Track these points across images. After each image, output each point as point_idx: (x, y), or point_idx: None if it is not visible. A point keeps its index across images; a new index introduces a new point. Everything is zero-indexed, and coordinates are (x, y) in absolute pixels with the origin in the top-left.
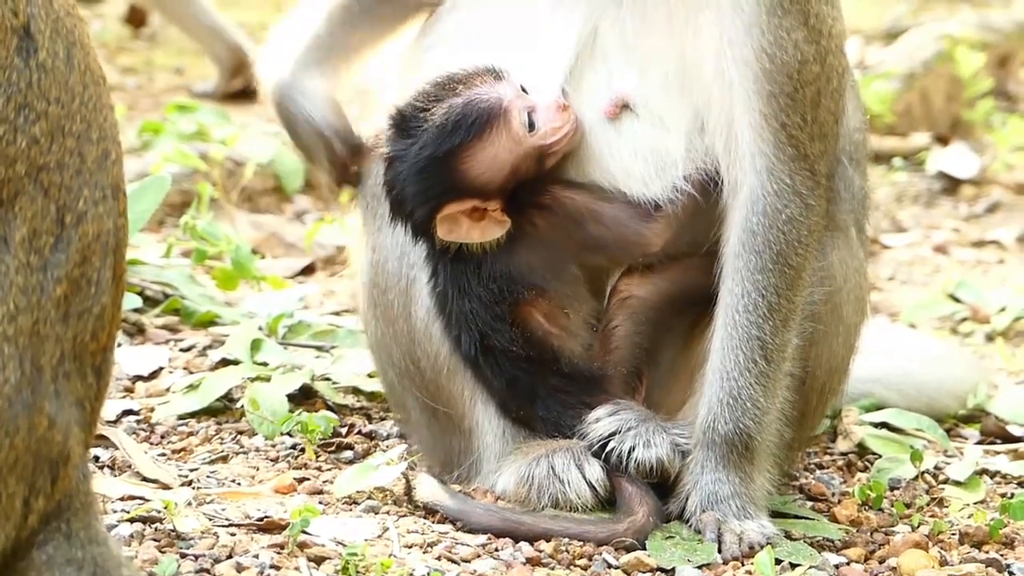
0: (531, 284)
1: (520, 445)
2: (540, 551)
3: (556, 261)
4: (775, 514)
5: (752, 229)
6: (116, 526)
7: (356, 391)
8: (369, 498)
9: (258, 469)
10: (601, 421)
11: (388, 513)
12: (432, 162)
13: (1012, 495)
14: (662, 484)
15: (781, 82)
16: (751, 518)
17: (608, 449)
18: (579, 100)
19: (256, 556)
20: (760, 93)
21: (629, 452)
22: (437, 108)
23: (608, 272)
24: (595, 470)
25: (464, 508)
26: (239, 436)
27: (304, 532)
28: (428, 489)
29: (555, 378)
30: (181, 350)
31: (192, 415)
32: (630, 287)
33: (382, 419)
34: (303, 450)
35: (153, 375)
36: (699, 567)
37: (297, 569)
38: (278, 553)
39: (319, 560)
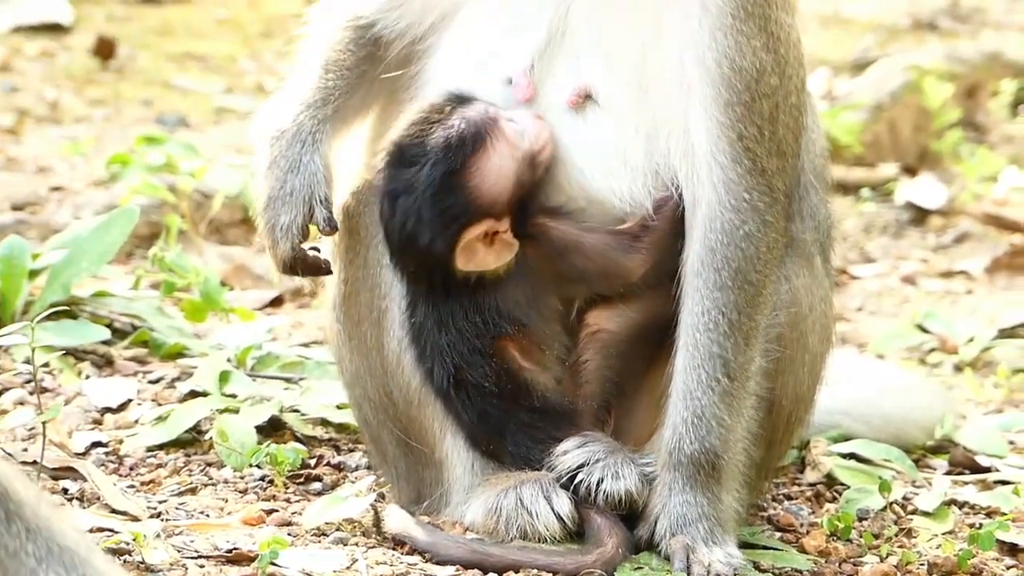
0: (514, 319)
1: (489, 477)
2: None
3: (539, 294)
4: (744, 545)
5: (711, 247)
6: None
7: (325, 423)
8: (338, 530)
9: (227, 501)
10: (569, 453)
11: (357, 545)
12: (447, 179)
13: (980, 525)
14: (631, 515)
15: (739, 90)
16: (719, 544)
17: (576, 481)
18: (546, 86)
19: None
20: (717, 100)
21: (598, 484)
22: (432, 133)
23: (574, 304)
24: (563, 502)
25: (433, 540)
26: (208, 468)
27: (273, 564)
28: (397, 521)
29: (525, 413)
30: (150, 382)
31: (161, 447)
32: (599, 320)
33: (351, 451)
34: (272, 482)
35: (122, 407)
36: None
37: None
38: None
39: None
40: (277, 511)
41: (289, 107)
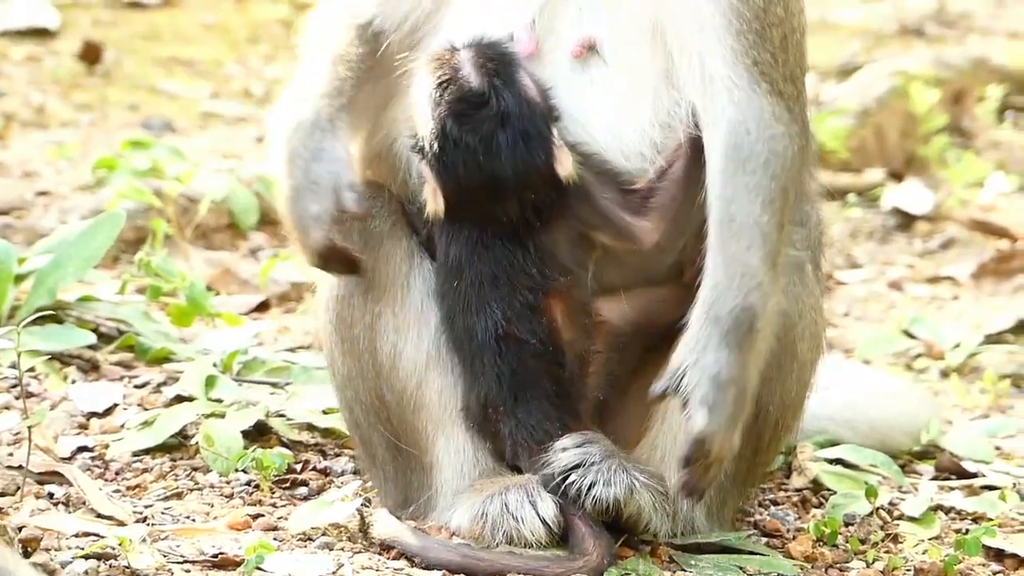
0: (563, 267)
1: (475, 483)
2: None
3: (577, 238)
4: (730, 549)
5: (736, 143)
6: (71, 563)
7: (311, 427)
8: (324, 534)
9: (213, 505)
10: (568, 451)
11: (343, 549)
12: (521, 93)
13: (967, 531)
14: (615, 522)
15: (749, 19)
16: (735, 427)
17: (569, 481)
18: (548, 42)
19: None
20: (729, 29)
21: (589, 488)
22: (469, 74)
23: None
24: (548, 506)
25: (423, 544)
26: (194, 472)
27: (259, 569)
28: (387, 525)
29: (551, 383)
30: (136, 386)
31: (147, 452)
32: (602, 311)
33: (337, 455)
34: (258, 486)
35: (108, 412)
36: None
37: None
38: None
39: None
40: (263, 516)
41: (304, 99)
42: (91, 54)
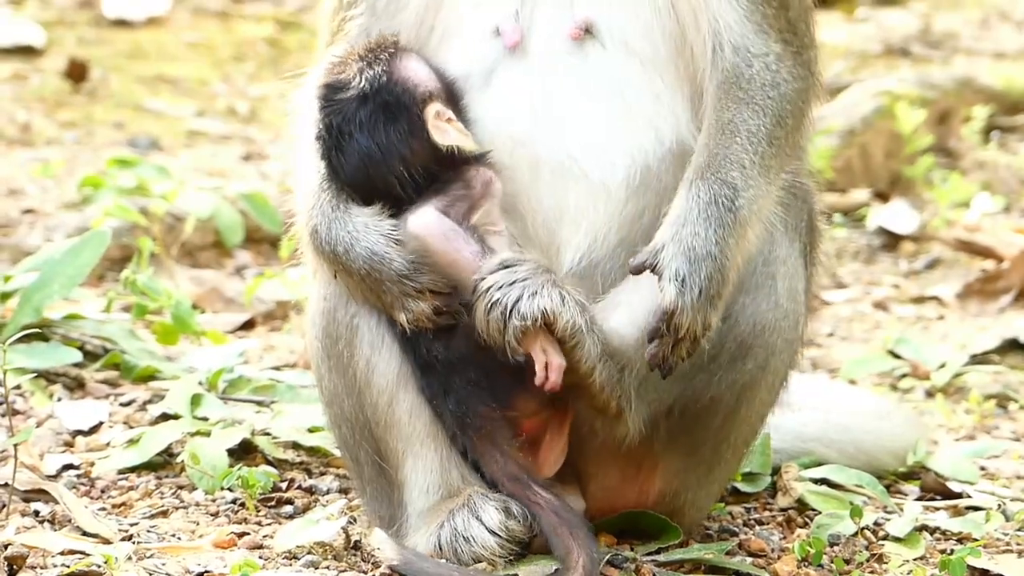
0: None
1: (433, 505)
2: None
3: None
4: (714, 569)
5: (739, 72)
6: None
7: (296, 446)
8: (309, 553)
9: (198, 524)
10: (494, 273)
11: (328, 568)
12: (386, 76)
13: (951, 551)
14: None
15: None
16: (712, 307)
17: (493, 300)
18: (536, 31)
19: None
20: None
21: (515, 303)
22: (352, 64)
23: None
24: (491, 516)
25: (419, 566)
26: (179, 491)
27: None
28: (389, 549)
29: (475, 370)
30: (121, 404)
31: (132, 470)
32: None
33: (322, 474)
34: (243, 505)
35: (93, 430)
36: None
37: None
38: None
39: None
40: (248, 534)
41: (314, 193)
42: (76, 72)
